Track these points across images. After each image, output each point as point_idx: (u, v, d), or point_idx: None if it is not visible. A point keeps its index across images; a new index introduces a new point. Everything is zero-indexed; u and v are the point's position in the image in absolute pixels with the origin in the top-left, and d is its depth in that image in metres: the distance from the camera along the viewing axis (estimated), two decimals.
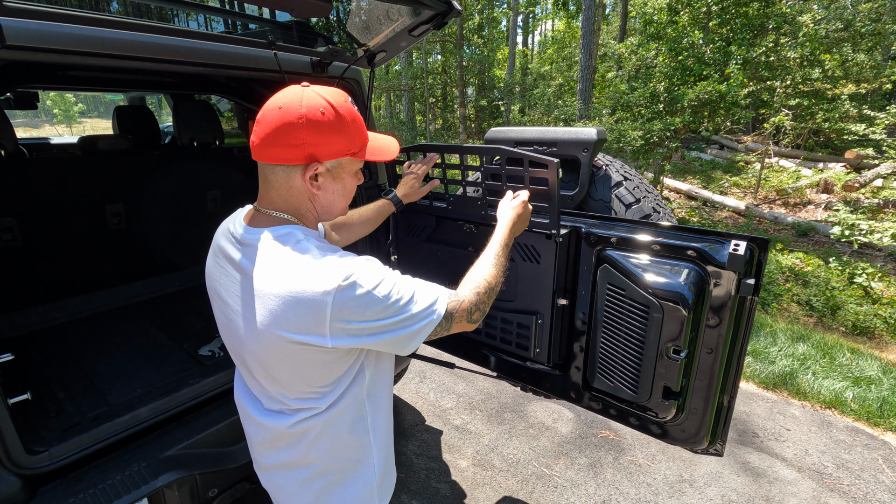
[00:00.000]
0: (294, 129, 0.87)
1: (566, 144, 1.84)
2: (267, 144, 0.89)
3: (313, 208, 0.99)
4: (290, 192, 0.94)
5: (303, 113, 0.87)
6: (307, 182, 0.93)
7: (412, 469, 2.60)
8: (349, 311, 0.86)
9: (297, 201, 0.96)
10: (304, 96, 0.89)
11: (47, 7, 1.33)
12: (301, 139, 0.88)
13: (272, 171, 0.93)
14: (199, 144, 3.14)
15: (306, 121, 0.87)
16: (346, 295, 0.85)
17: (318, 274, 0.86)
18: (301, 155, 0.89)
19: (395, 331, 0.93)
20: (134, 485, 1.43)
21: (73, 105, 34.89)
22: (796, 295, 5.03)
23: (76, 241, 2.77)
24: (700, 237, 1.37)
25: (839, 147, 11.78)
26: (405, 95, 17.01)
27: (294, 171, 0.92)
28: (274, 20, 2.24)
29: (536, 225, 1.55)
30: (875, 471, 2.65)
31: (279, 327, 0.87)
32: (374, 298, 0.88)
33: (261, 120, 0.90)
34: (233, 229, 1.00)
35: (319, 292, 0.84)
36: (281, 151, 0.89)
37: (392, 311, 0.91)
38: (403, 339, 0.95)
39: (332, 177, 0.96)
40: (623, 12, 16.01)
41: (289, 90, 0.91)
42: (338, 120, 0.90)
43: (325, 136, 0.89)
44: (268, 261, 0.90)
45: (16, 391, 1.50)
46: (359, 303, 0.87)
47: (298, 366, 0.92)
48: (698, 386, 1.45)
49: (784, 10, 7.81)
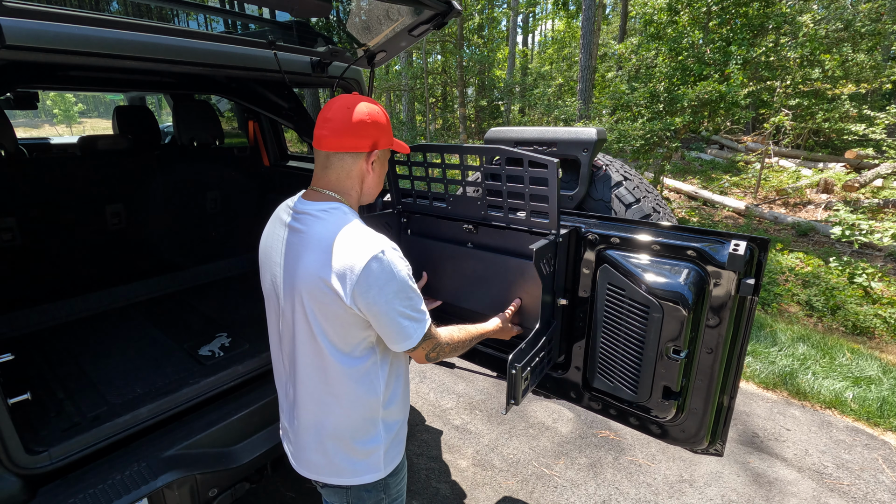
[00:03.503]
0: (365, 125, 1.13)
1: (566, 144, 1.83)
2: (341, 135, 1.12)
3: (360, 189, 1.22)
4: (349, 175, 1.18)
5: (368, 112, 1.14)
6: (368, 165, 1.19)
7: (412, 469, 2.60)
8: (373, 279, 1.05)
9: (350, 183, 1.19)
10: (363, 101, 1.15)
11: (47, 7, 1.33)
12: (369, 132, 1.14)
13: (340, 158, 1.15)
14: (199, 144, 3.14)
15: (371, 119, 1.14)
16: (375, 266, 1.05)
17: (358, 241, 1.07)
18: (367, 144, 1.15)
19: (398, 318, 1.10)
20: (134, 485, 1.43)
21: (73, 105, 34.85)
22: (796, 295, 5.03)
23: (76, 241, 2.77)
24: (700, 237, 1.37)
25: (839, 147, 11.78)
26: (405, 95, 17.01)
27: (359, 157, 1.17)
28: (274, 20, 2.23)
29: (537, 225, 1.55)
30: (875, 471, 2.65)
31: (321, 272, 1.06)
32: (395, 278, 1.08)
33: (332, 118, 1.13)
34: (290, 203, 1.22)
35: (356, 255, 1.05)
36: (354, 141, 1.14)
37: (403, 297, 1.10)
38: (401, 330, 1.12)
39: (380, 163, 1.23)
40: (623, 12, 16.01)
41: (347, 96, 1.16)
42: (386, 120, 1.20)
43: (381, 131, 1.17)
44: (320, 224, 1.12)
45: (16, 391, 1.50)
46: (382, 277, 1.06)
47: (331, 316, 1.09)
48: (698, 386, 1.45)
49: (784, 10, 7.81)
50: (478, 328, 1.42)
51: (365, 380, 1.18)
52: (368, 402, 1.20)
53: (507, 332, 1.56)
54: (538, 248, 1.39)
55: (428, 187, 1.81)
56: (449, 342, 1.27)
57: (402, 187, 1.92)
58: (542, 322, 1.51)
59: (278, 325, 1.24)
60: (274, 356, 1.33)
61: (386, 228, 1.88)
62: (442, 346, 1.24)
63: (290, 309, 1.16)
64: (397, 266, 1.09)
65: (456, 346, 1.30)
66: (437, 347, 1.23)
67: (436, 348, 1.23)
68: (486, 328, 1.45)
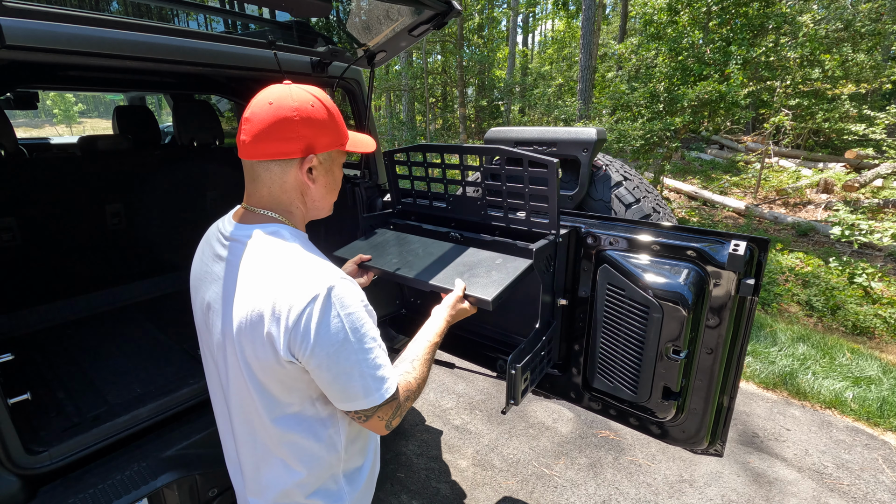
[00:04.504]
0: (290, 123, 0.88)
1: (566, 144, 1.83)
2: (261, 140, 0.88)
3: (303, 204, 0.98)
4: (282, 188, 0.94)
5: (295, 107, 0.88)
6: (304, 175, 0.93)
7: (412, 469, 2.60)
8: (315, 324, 0.83)
9: (288, 198, 0.95)
10: (293, 92, 0.90)
11: (47, 7, 1.33)
12: (297, 132, 0.89)
13: (266, 168, 0.92)
14: (199, 144, 3.14)
15: (300, 114, 0.88)
16: (318, 307, 0.83)
17: (297, 276, 0.86)
18: (298, 148, 0.90)
19: (348, 376, 0.87)
20: (134, 485, 1.43)
21: (73, 105, 34.88)
22: (796, 295, 5.03)
23: (76, 241, 2.76)
24: (700, 237, 1.37)
25: (839, 147, 11.78)
26: (405, 95, 17.01)
27: (290, 165, 0.92)
28: (274, 20, 2.23)
29: (536, 225, 1.55)
30: (875, 471, 2.65)
31: (252, 315, 0.86)
32: (344, 323, 0.85)
33: (251, 118, 0.89)
34: (221, 227, 1.00)
35: (294, 293, 0.84)
36: (278, 146, 0.89)
37: (355, 348, 0.87)
38: (350, 392, 0.88)
39: (324, 169, 0.97)
40: (623, 12, 16.01)
41: (273, 88, 0.91)
42: (327, 113, 0.93)
43: (318, 129, 0.91)
44: (252, 254, 0.90)
45: (16, 391, 1.50)
46: (326, 322, 0.84)
47: (268, 369, 0.89)
48: (698, 386, 1.45)
49: (784, 10, 7.81)
50: (429, 340, 1.11)
51: (319, 436, 0.97)
52: (325, 460, 0.99)
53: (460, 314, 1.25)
54: (538, 249, 1.39)
55: (428, 187, 1.81)
56: (408, 395, 0.97)
57: (402, 187, 1.92)
58: (542, 322, 1.51)
59: (217, 376, 1.03)
60: (215, 408, 1.11)
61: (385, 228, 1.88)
62: (404, 406, 0.97)
63: (222, 358, 0.96)
64: (349, 307, 0.86)
65: (419, 387, 1.01)
66: (400, 409, 0.95)
67: (398, 412, 0.95)
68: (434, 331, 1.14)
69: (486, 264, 1.45)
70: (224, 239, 0.97)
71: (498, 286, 1.29)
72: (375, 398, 0.89)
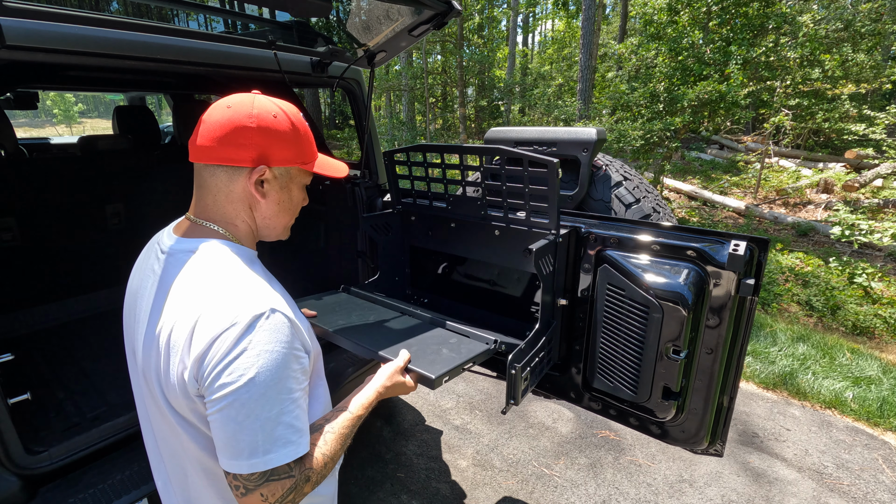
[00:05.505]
0: (243, 130, 0.82)
1: (566, 144, 1.84)
2: (211, 144, 0.82)
3: (252, 220, 0.91)
4: (228, 199, 0.87)
5: (254, 114, 0.83)
6: (252, 186, 0.86)
7: (412, 469, 2.60)
8: (226, 361, 0.72)
9: (234, 209, 0.88)
10: (256, 100, 0.86)
11: (47, 7, 1.33)
12: (250, 140, 0.83)
13: (212, 173, 0.85)
14: None
15: (257, 123, 0.83)
16: (232, 340, 0.73)
17: (222, 300, 0.77)
18: (249, 156, 0.83)
19: (234, 421, 0.73)
20: (134, 485, 1.43)
21: (73, 105, 34.86)
22: (796, 295, 5.03)
23: (76, 241, 2.77)
24: (700, 237, 1.37)
25: (839, 147, 11.79)
26: (405, 95, 17.01)
27: (238, 173, 0.85)
28: (274, 20, 2.24)
29: (536, 225, 1.55)
30: (875, 471, 2.65)
31: (170, 339, 0.78)
32: (261, 365, 0.73)
33: (206, 119, 0.84)
34: (160, 239, 0.93)
35: (212, 320, 0.75)
36: (227, 151, 0.83)
37: (269, 399, 0.73)
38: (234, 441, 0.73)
39: (279, 185, 0.89)
40: (623, 12, 16.02)
41: (239, 95, 0.87)
42: (290, 128, 0.87)
43: (275, 141, 0.85)
44: (182, 269, 0.83)
45: (16, 391, 1.50)
46: (240, 360, 0.73)
47: (182, 401, 0.79)
48: (698, 386, 1.45)
49: (784, 10, 7.81)
50: (353, 413, 0.93)
51: None
52: None
53: (396, 388, 1.08)
54: (538, 248, 1.39)
55: (428, 187, 1.81)
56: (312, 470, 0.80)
57: (402, 187, 1.92)
58: (542, 322, 1.51)
59: (145, 406, 0.93)
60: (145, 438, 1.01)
61: (385, 229, 1.88)
62: (301, 488, 0.79)
63: (146, 387, 0.88)
64: (270, 343, 0.75)
65: (325, 467, 0.84)
66: (295, 491, 0.78)
67: (291, 493, 0.77)
68: (361, 402, 0.97)
69: (439, 341, 1.38)
70: (160, 252, 0.89)
71: (446, 365, 1.17)
72: (259, 463, 0.73)
